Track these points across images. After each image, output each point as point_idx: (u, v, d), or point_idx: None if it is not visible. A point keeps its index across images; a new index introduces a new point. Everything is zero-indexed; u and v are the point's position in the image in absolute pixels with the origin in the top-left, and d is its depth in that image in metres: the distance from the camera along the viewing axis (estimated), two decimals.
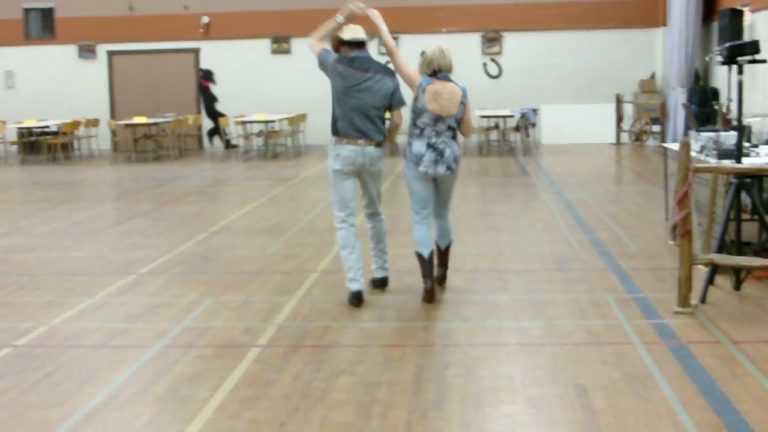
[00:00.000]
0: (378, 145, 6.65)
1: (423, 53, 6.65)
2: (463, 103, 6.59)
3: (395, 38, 7.08)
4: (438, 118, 6.53)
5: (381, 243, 6.98)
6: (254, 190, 13.74)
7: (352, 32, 6.70)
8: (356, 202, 6.76)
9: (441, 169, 6.56)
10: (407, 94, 6.56)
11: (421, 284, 6.71)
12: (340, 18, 6.69)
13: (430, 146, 6.55)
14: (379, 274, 7.04)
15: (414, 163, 6.58)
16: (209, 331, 6.11)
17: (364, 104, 6.57)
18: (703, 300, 6.40)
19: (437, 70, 6.56)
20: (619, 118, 20.08)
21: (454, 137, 6.67)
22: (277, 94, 21.26)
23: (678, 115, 18.09)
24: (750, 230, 7.47)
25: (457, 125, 6.66)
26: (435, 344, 5.73)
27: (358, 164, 6.61)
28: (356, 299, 6.60)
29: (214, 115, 21.69)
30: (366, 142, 6.59)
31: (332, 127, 6.68)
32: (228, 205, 12.61)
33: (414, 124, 6.64)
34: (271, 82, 21.41)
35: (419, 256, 6.70)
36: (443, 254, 7.03)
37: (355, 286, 6.62)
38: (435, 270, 6.85)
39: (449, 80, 6.56)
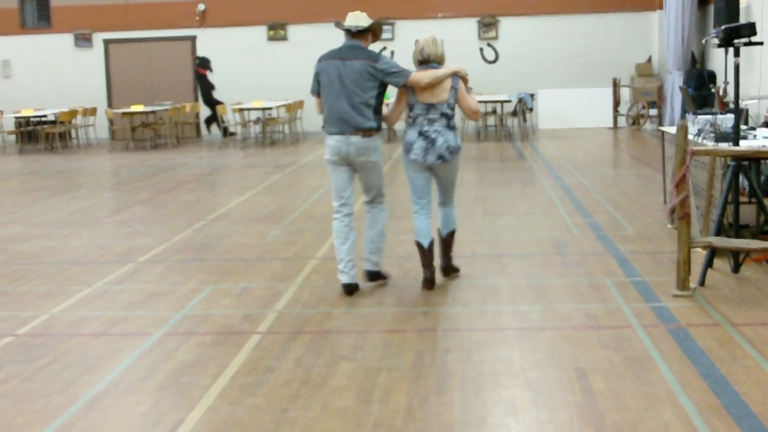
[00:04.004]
0: (366, 133, 6.41)
1: (416, 42, 6.62)
2: (454, 88, 6.46)
3: (391, 24, 6.97)
4: (430, 106, 6.46)
5: (371, 230, 6.67)
6: (252, 177, 13.73)
7: (349, 20, 6.53)
8: (351, 193, 6.61)
9: (431, 158, 6.45)
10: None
11: (421, 270, 6.71)
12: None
13: (421, 134, 6.46)
14: (365, 266, 6.74)
15: (406, 151, 6.53)
16: (209, 318, 6.12)
17: (341, 93, 6.37)
18: (701, 283, 6.41)
19: (426, 60, 6.51)
20: (616, 102, 20.07)
21: (449, 126, 6.51)
22: (274, 81, 21.21)
23: (675, 99, 18.07)
24: (748, 213, 7.48)
25: (451, 111, 6.51)
26: (435, 329, 5.74)
27: (344, 154, 6.45)
28: (346, 291, 6.55)
29: (212, 102, 21.65)
30: (351, 131, 6.38)
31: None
32: (226, 193, 12.61)
33: (408, 114, 6.57)
34: (268, 70, 21.36)
35: (419, 245, 6.66)
36: (445, 242, 6.81)
37: (344, 279, 6.56)
38: (436, 259, 6.77)
39: (436, 69, 6.47)
